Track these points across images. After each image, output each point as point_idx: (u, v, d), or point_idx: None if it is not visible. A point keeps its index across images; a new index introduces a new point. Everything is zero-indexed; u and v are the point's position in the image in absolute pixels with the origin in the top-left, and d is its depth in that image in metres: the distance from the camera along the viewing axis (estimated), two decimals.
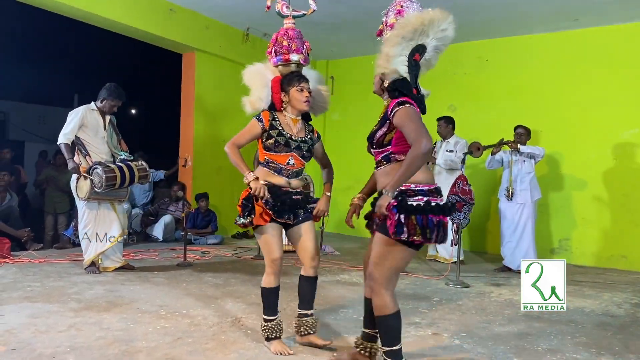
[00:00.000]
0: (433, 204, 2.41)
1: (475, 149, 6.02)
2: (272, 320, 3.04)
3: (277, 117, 3.10)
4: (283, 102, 3.12)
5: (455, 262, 5.39)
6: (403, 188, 2.41)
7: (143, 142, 5.42)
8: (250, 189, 2.90)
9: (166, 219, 7.33)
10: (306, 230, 3.11)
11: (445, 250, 6.31)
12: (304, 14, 3.42)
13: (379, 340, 2.68)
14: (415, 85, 2.56)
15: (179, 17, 6.95)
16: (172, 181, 7.87)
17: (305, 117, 3.25)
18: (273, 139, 3.02)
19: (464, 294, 4.75)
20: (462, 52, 7.95)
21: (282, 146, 3.02)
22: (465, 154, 5.95)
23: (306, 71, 3.24)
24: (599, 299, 4.74)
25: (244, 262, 5.92)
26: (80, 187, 4.82)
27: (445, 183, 5.60)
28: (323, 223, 7.08)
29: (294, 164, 3.06)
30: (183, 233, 6.22)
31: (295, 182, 3.10)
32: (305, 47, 3.22)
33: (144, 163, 5.04)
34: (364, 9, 6.73)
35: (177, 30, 6.97)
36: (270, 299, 3.04)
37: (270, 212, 2.91)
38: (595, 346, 3.36)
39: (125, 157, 4.99)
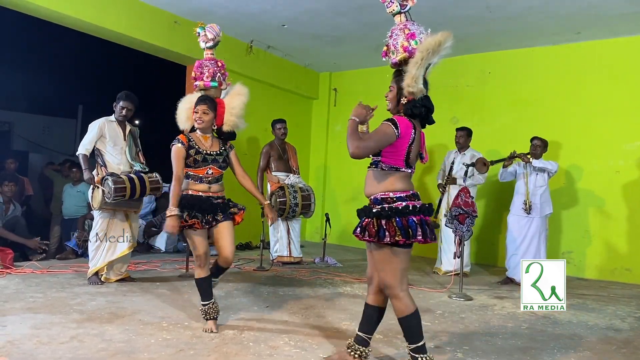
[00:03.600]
0: (411, 207, 2.69)
1: (481, 164, 6.01)
2: (208, 304, 3.59)
3: (192, 137, 3.64)
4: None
5: (458, 274, 5.37)
6: (383, 196, 2.72)
7: (145, 153, 5.47)
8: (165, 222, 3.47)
9: None
10: (223, 232, 3.62)
11: (449, 263, 6.29)
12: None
13: (369, 346, 2.96)
14: None
15: (183, 30, 7.00)
16: None
17: (225, 136, 3.77)
18: (192, 157, 3.57)
19: (466, 307, 4.73)
20: (465, 64, 7.98)
21: (202, 162, 3.59)
22: (467, 166, 5.95)
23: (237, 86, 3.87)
24: (602, 312, 4.72)
25: (246, 274, 5.92)
26: (94, 197, 4.91)
27: (454, 195, 5.63)
28: (325, 235, 7.08)
29: (212, 173, 3.63)
30: (185, 244, 6.22)
31: (215, 187, 3.66)
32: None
33: (157, 175, 5.07)
34: (365, 21, 6.78)
35: (181, 42, 7.02)
36: (203, 287, 3.60)
37: (195, 221, 3.49)
38: None
39: (140, 169, 5.03)
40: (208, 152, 3.62)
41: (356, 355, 2.92)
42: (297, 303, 4.55)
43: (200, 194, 3.58)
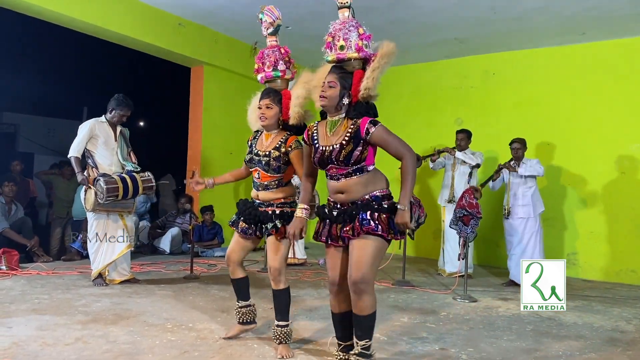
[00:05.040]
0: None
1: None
2: (237, 305, 3.50)
3: (257, 136, 3.33)
4: None
5: (462, 276, 5.37)
6: (382, 193, 2.71)
7: (150, 155, 5.46)
8: None
9: (173, 231, 7.35)
10: (268, 245, 3.32)
11: (452, 265, 6.28)
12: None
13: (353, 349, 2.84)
14: None
15: (187, 31, 7.03)
16: (179, 194, 7.91)
17: (291, 130, 3.27)
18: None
19: (471, 308, 4.72)
20: (469, 65, 7.98)
21: (248, 162, 3.28)
22: (472, 168, 5.96)
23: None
24: (608, 314, 4.70)
25: (251, 275, 5.87)
26: (87, 199, 4.90)
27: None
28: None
29: (259, 177, 3.25)
30: (190, 246, 6.24)
31: (263, 195, 3.27)
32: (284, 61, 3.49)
33: (149, 174, 5.06)
34: (369, 23, 6.75)
35: (185, 44, 7.05)
36: (233, 286, 3.57)
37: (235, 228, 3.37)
38: None
39: (132, 169, 5.03)
40: (257, 151, 3.24)
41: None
42: (301, 304, 4.56)
43: (253, 199, 3.33)
